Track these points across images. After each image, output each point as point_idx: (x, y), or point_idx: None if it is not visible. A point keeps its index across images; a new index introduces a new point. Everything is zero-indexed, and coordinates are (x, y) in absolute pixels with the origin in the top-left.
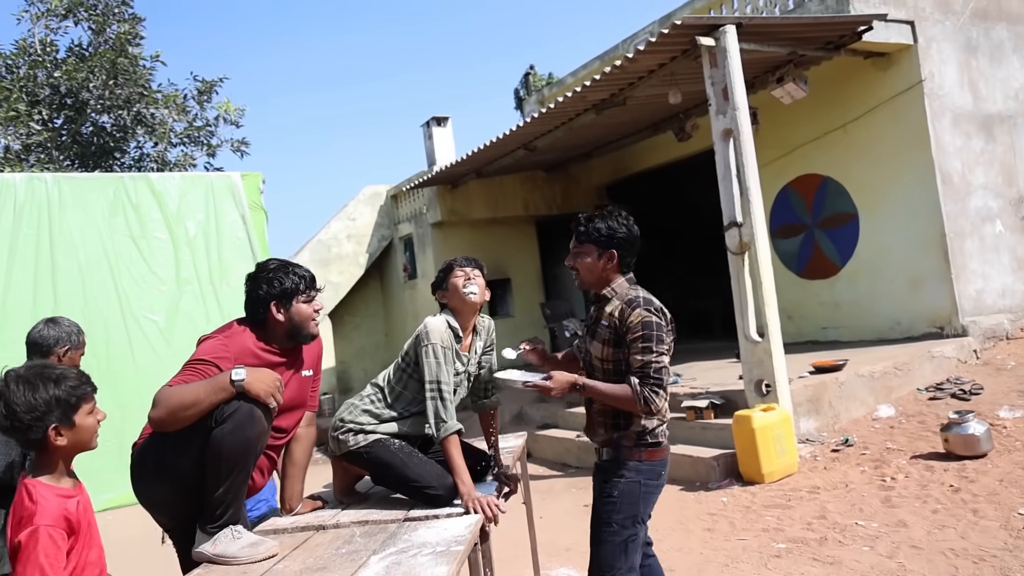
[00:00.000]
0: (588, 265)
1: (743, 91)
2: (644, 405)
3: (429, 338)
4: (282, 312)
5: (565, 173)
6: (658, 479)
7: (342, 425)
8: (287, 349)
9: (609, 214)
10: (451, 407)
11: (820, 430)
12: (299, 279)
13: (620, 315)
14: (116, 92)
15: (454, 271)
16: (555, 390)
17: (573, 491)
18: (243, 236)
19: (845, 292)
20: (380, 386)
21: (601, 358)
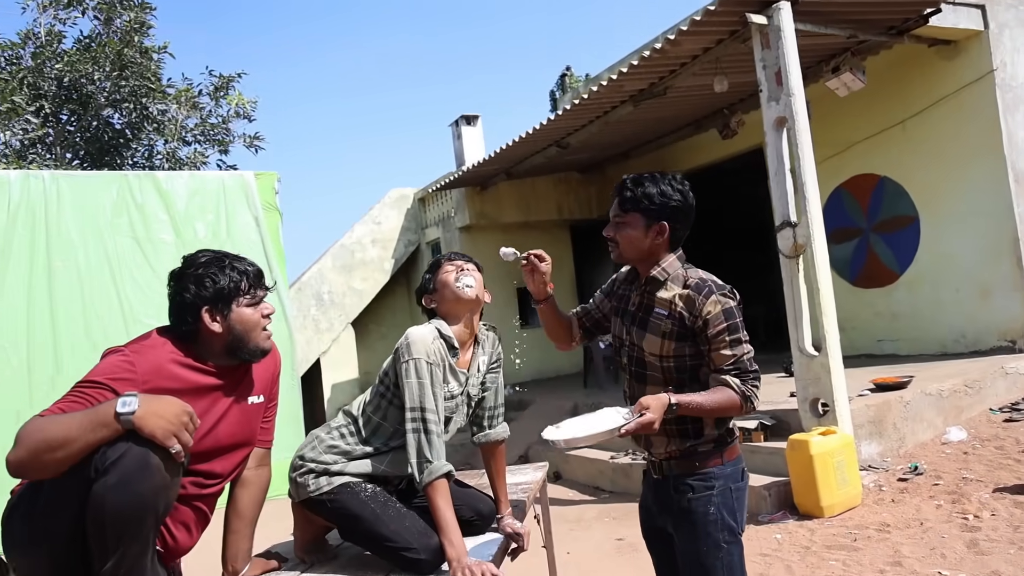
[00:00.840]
0: (632, 238)
1: (799, 74)
2: (750, 405)
3: (410, 351)
4: (218, 320)
5: (601, 175)
6: (743, 479)
7: (301, 465)
8: (227, 367)
9: (662, 176)
10: (439, 442)
11: (884, 455)
12: (239, 275)
13: (688, 304)
14: (121, 85)
15: (442, 266)
16: (656, 422)
17: (606, 520)
18: (256, 239)
19: (904, 302)
20: (353, 415)
21: (660, 354)
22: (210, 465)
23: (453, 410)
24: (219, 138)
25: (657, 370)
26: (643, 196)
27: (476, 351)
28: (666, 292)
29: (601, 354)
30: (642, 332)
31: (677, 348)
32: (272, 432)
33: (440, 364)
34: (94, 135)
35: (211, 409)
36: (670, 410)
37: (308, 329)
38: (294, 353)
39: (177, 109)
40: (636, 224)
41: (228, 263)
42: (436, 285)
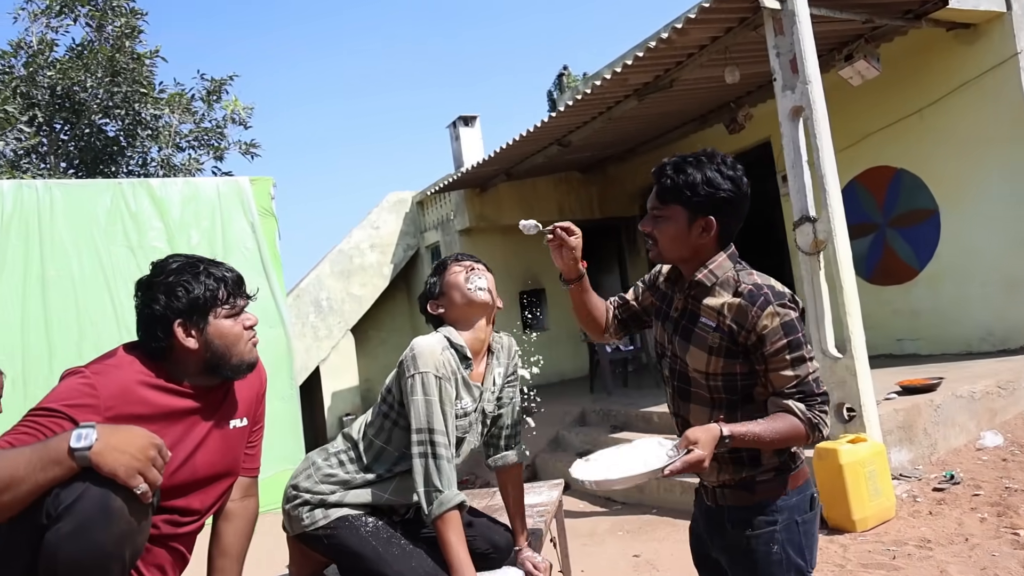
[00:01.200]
0: (673, 235)
1: (815, 61)
2: (818, 434)
3: (416, 364)
4: (194, 335)
5: (603, 174)
6: (813, 508)
7: (295, 495)
8: (204, 388)
9: (709, 160)
10: (449, 468)
11: (915, 463)
12: (216, 283)
13: (739, 316)
14: (114, 91)
15: (449, 267)
16: (706, 459)
17: (620, 534)
18: (252, 246)
19: (924, 299)
20: (354, 439)
21: (706, 371)
22: (186, 500)
23: (466, 429)
24: (214, 144)
25: (703, 388)
26: (685, 185)
27: (491, 362)
28: (714, 299)
29: (608, 357)
30: (685, 344)
31: (726, 366)
32: (258, 459)
33: (451, 378)
34: (88, 143)
35: (186, 437)
36: (721, 443)
37: (307, 336)
38: (292, 361)
39: (170, 114)
40: (677, 218)
41: (203, 269)
42: (443, 288)
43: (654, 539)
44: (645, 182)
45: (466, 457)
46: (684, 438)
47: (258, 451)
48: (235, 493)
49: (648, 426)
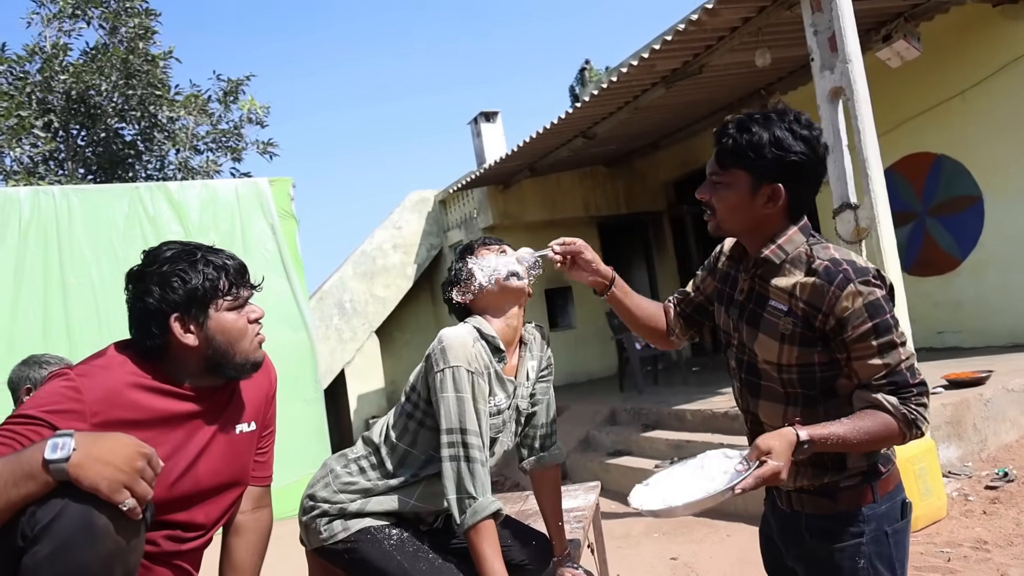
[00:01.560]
0: (734, 204)
1: (855, 38)
2: (916, 431)
3: (446, 358)
4: (193, 330)
5: (628, 168)
6: (904, 515)
7: (312, 506)
8: (206, 389)
9: (779, 118)
10: (483, 472)
11: (964, 460)
12: (216, 272)
13: (815, 297)
14: (129, 94)
15: (477, 251)
16: (783, 471)
17: (655, 536)
18: (272, 247)
19: (967, 289)
20: (375, 443)
21: (777, 362)
22: (189, 514)
23: (499, 429)
24: (231, 145)
25: (775, 381)
26: (749, 146)
27: (523, 354)
28: (784, 279)
29: (638, 355)
30: (753, 331)
31: (801, 355)
32: (270, 466)
33: (484, 372)
34: (105, 148)
35: (187, 443)
36: (800, 450)
37: (331, 339)
38: (316, 365)
39: (187, 116)
40: (740, 185)
41: (201, 256)
42: (469, 272)
43: (692, 541)
44: (672, 175)
45: (499, 460)
46: (755, 448)
47: (270, 458)
48: (245, 504)
49: (681, 424)
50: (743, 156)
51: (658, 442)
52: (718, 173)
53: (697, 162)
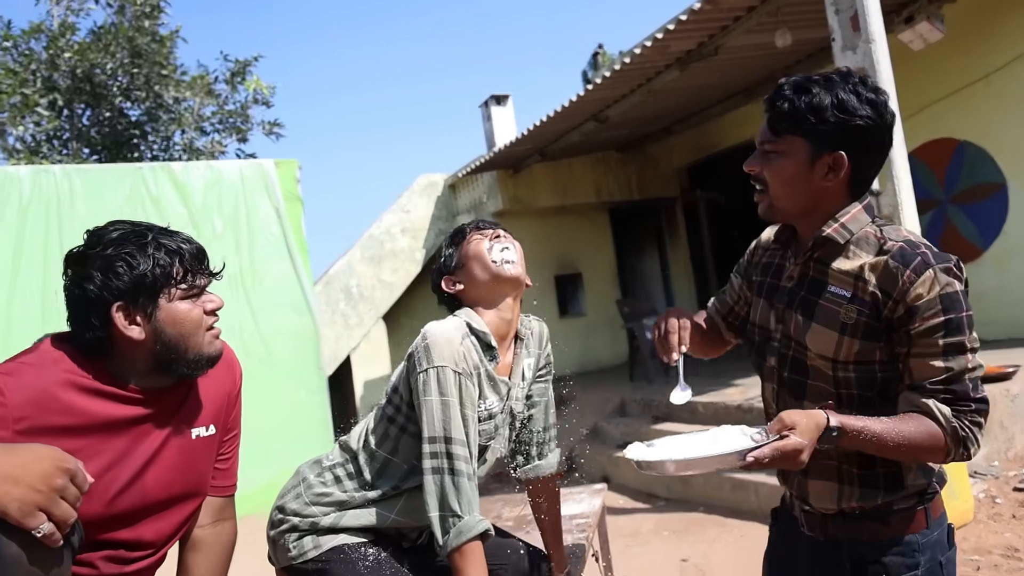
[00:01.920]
0: (789, 176)
1: (879, 16)
2: (963, 451)
3: (430, 356)
4: (139, 322)
5: (641, 153)
6: (952, 543)
7: (281, 520)
8: (156, 390)
9: (842, 79)
10: (470, 487)
11: (990, 460)
12: (169, 256)
13: (886, 281)
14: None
15: (469, 235)
16: (805, 451)
17: (665, 534)
18: (277, 231)
19: (990, 279)
20: (353, 450)
21: (834, 357)
22: (136, 531)
23: (491, 435)
24: (237, 126)
25: (827, 381)
26: (809, 109)
27: (519, 352)
28: (848, 261)
29: (649, 344)
30: (806, 321)
31: (863, 351)
32: (234, 474)
33: (472, 373)
34: (110, 128)
35: (132, 452)
36: (827, 437)
37: (337, 325)
38: (320, 351)
39: (193, 97)
40: (796, 154)
41: (152, 239)
42: (462, 260)
43: (703, 540)
44: (685, 161)
45: (490, 468)
46: (778, 420)
47: (233, 465)
48: (204, 517)
49: (693, 417)
50: (801, 120)
51: (668, 435)
52: (771, 141)
53: (712, 148)
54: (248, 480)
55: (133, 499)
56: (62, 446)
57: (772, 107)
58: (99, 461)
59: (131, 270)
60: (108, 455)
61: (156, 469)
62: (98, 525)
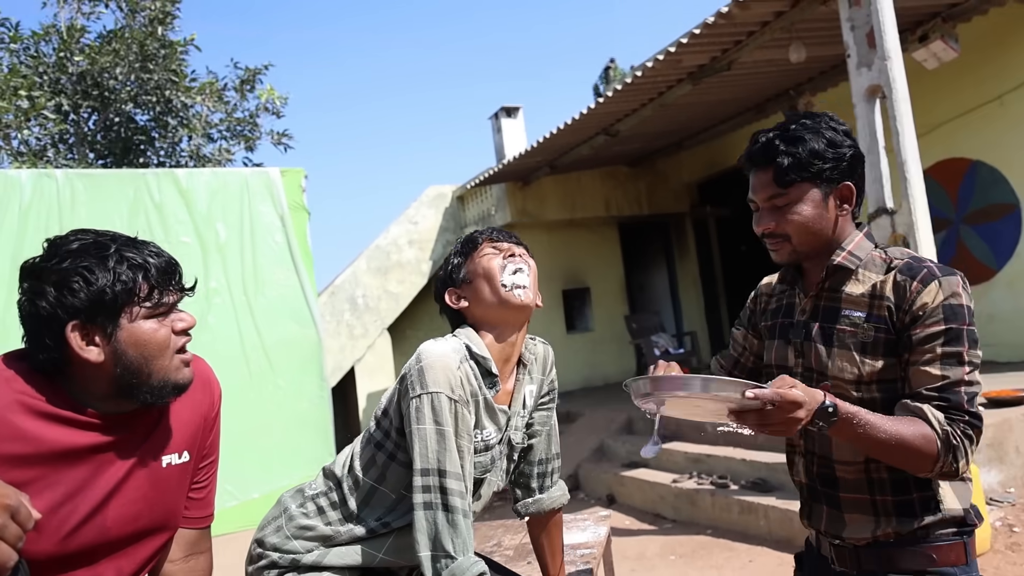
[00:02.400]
0: (811, 220)
1: (895, 34)
2: (952, 463)
3: (423, 381)
4: (98, 343)
5: (651, 168)
6: None
7: (260, 554)
8: (119, 417)
9: (814, 119)
10: (465, 524)
11: (1006, 486)
12: (133, 271)
13: (897, 294)
14: (145, 79)
15: (481, 247)
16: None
17: (672, 558)
18: (282, 240)
19: (1002, 301)
20: (337, 477)
21: (858, 378)
22: (94, 570)
23: (487, 467)
24: (245, 134)
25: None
26: (811, 155)
27: (520, 377)
28: (859, 285)
29: (655, 356)
30: (826, 349)
31: (886, 367)
32: (211, 504)
33: (469, 401)
34: (117, 133)
35: (91, 484)
36: (822, 413)
37: (342, 335)
38: (323, 362)
39: (202, 103)
40: (811, 198)
41: (115, 251)
42: (470, 275)
43: (711, 565)
44: (696, 176)
45: (486, 503)
46: (781, 379)
47: (210, 494)
48: (176, 551)
49: (700, 436)
50: (807, 167)
51: (676, 455)
52: (779, 194)
53: (722, 164)
54: (248, 492)
55: (91, 535)
56: (9, 477)
57: (773, 162)
58: (52, 494)
59: (88, 286)
60: (63, 487)
61: (119, 502)
62: (51, 564)
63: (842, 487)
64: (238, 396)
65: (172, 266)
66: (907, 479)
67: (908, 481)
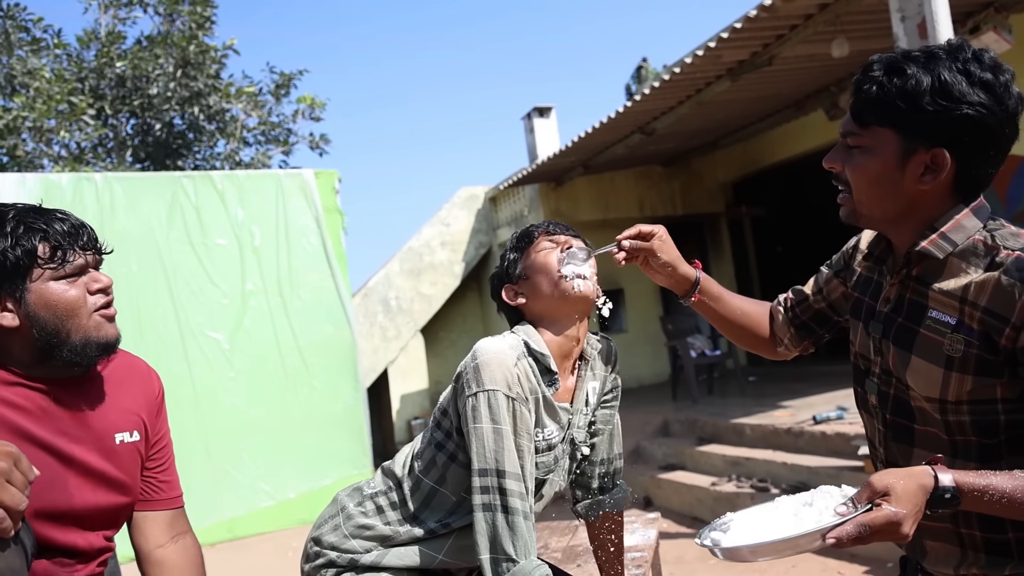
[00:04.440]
0: (876, 175)
1: (949, 23)
2: None
3: (480, 379)
4: (11, 308)
5: (686, 168)
6: None
7: (317, 553)
8: (55, 380)
9: (951, 53)
10: (526, 526)
11: None
12: (33, 235)
13: (999, 302)
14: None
15: (537, 241)
16: (905, 523)
17: (711, 563)
18: (316, 242)
19: None
20: (397, 477)
21: (942, 398)
22: (67, 536)
23: (550, 467)
24: (282, 139)
25: (936, 425)
26: (902, 94)
27: (583, 374)
28: (952, 279)
29: (693, 362)
30: (904, 354)
31: (978, 388)
32: (176, 485)
33: (528, 398)
34: (155, 138)
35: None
36: (938, 500)
37: (375, 337)
38: (358, 363)
39: (240, 108)
40: (885, 149)
41: (12, 217)
42: (526, 271)
43: (753, 570)
44: (731, 176)
45: (547, 503)
46: (868, 485)
47: (171, 475)
48: (161, 535)
49: (740, 439)
50: (891, 108)
51: (714, 457)
52: (855, 133)
53: (758, 163)
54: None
55: (58, 501)
56: None
57: (858, 91)
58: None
59: None
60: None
61: (78, 470)
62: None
63: None
64: (274, 397)
65: (78, 228)
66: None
67: (1003, 519)
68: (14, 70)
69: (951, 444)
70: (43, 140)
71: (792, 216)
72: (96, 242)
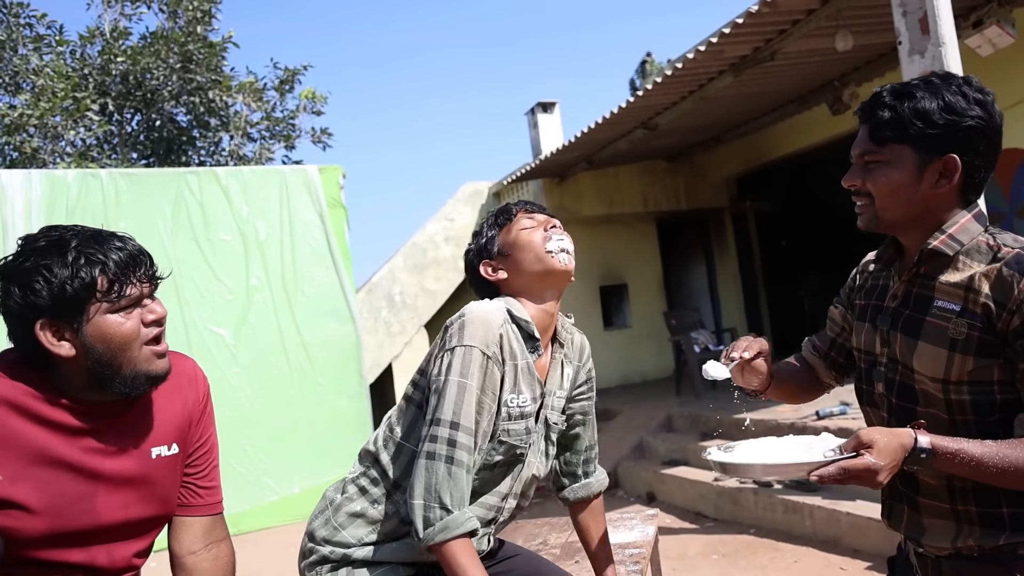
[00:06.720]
0: (897, 184)
1: (950, 18)
2: None
3: (462, 334)
4: (67, 338)
5: (689, 162)
6: None
7: (311, 549)
8: (103, 404)
9: (945, 80)
10: (466, 480)
11: None
12: (91, 266)
13: (999, 290)
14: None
15: (518, 219)
16: (882, 472)
17: (714, 558)
18: (320, 237)
19: None
20: (372, 453)
21: (945, 378)
22: (88, 553)
23: (521, 437)
24: (285, 133)
25: (939, 406)
26: (916, 115)
27: (556, 355)
28: (956, 273)
29: (696, 357)
30: (912, 341)
31: (977, 369)
32: (217, 491)
33: (506, 361)
34: (159, 133)
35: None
36: (915, 458)
37: (379, 332)
38: (362, 358)
39: (242, 103)
40: (903, 162)
41: (75, 247)
42: (507, 248)
43: (755, 566)
44: (735, 171)
45: (525, 485)
46: (856, 437)
47: (215, 481)
48: (195, 542)
49: (744, 435)
50: (907, 127)
51: None
52: (873, 151)
53: (762, 158)
54: (289, 487)
55: (83, 518)
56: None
57: (872, 116)
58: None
59: (48, 285)
60: (51, 467)
61: (108, 488)
62: (44, 542)
63: (922, 491)
64: (278, 392)
65: (135, 258)
66: (996, 490)
67: (998, 493)
68: (18, 67)
69: (951, 423)
70: (49, 137)
71: (796, 210)
72: (153, 269)
